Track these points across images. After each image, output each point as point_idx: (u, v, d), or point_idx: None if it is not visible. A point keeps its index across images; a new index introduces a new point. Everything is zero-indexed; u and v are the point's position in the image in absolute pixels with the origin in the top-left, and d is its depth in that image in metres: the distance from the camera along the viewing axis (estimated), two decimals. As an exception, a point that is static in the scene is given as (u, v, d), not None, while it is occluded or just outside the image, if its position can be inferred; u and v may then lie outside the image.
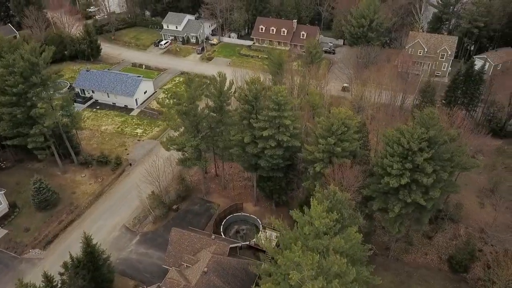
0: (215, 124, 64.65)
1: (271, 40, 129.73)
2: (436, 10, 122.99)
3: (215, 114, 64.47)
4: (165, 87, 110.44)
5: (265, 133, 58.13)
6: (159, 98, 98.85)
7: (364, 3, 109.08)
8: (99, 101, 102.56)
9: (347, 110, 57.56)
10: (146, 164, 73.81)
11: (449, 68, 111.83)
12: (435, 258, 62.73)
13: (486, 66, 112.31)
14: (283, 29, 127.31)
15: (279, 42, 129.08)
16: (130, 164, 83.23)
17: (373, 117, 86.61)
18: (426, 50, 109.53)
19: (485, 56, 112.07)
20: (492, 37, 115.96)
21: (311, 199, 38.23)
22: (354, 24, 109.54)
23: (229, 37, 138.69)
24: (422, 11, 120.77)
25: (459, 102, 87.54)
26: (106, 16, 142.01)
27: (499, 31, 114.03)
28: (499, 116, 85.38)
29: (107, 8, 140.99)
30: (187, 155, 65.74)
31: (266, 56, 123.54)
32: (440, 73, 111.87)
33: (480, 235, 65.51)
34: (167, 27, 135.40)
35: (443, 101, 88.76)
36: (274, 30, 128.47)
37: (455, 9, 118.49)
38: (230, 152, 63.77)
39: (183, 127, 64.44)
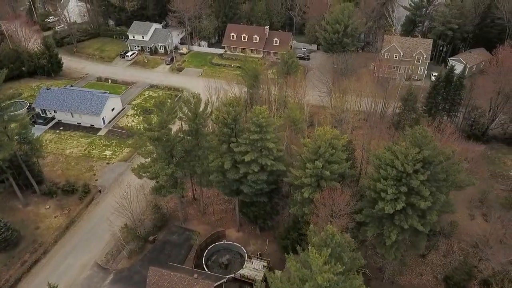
0: (191, 148, 59.41)
1: (243, 48, 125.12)
2: (408, 13, 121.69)
3: (190, 138, 59.21)
4: (134, 102, 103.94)
5: (247, 158, 53.54)
6: (127, 121, 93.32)
7: (337, 8, 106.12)
8: (62, 121, 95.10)
9: (333, 129, 53.74)
10: (116, 191, 67.96)
11: (426, 71, 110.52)
12: (431, 279, 59.79)
13: (462, 69, 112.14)
14: (255, 36, 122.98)
15: (251, 50, 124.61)
16: (100, 191, 76.82)
17: (355, 127, 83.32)
18: (402, 54, 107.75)
19: (460, 58, 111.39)
20: (465, 38, 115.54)
21: (310, 247, 33.84)
22: (328, 30, 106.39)
23: (199, 45, 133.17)
24: (394, 14, 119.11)
25: (440, 108, 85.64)
26: (66, 27, 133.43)
27: (471, 32, 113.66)
28: (481, 122, 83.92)
29: (67, 18, 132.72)
30: (161, 182, 60.16)
31: (239, 65, 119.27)
32: (416, 76, 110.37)
33: (474, 250, 63.14)
34: (133, 37, 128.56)
35: (424, 108, 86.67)
36: (246, 38, 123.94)
37: (427, 11, 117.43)
38: (209, 178, 58.74)
39: (155, 154, 58.77)
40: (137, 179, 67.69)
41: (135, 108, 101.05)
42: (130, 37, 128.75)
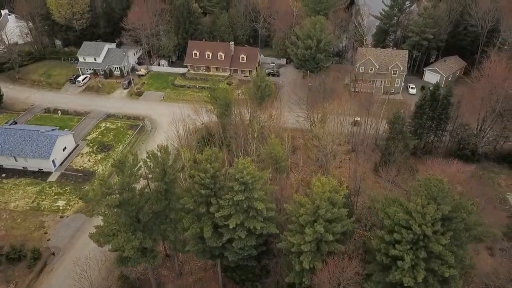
0: (161, 209, 49.45)
1: (207, 67, 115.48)
2: (379, 22, 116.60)
3: (159, 197, 49.21)
4: (89, 137, 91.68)
5: (231, 224, 44.41)
6: (82, 161, 79.49)
7: (308, 22, 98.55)
8: (4, 166, 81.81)
9: (330, 180, 45.66)
10: (72, 269, 56.46)
11: (402, 84, 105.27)
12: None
13: (438, 79, 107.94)
14: (220, 53, 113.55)
15: (217, 68, 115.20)
16: (53, 254, 65.12)
17: (339, 152, 75.81)
18: (377, 67, 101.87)
19: (436, 68, 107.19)
20: (439, 47, 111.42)
21: None
22: (300, 46, 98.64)
23: (159, 65, 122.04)
24: (364, 23, 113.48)
25: (426, 126, 79.98)
26: (6, 50, 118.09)
27: (445, 41, 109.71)
28: (471, 141, 78.76)
29: (6, 40, 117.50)
30: (127, 255, 49.76)
31: (204, 86, 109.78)
32: (393, 89, 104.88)
33: (486, 293, 57.00)
34: (84, 59, 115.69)
35: (410, 128, 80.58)
36: (210, 55, 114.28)
37: (399, 20, 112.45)
38: (185, 249, 49.08)
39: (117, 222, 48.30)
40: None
41: (91, 144, 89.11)
42: (81, 59, 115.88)
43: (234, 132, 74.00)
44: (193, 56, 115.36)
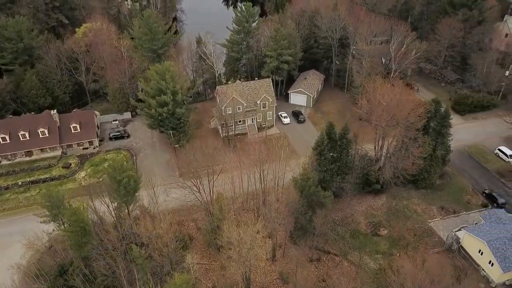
0: None
1: (28, 151, 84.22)
2: (227, 50, 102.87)
3: None
4: None
5: None
6: None
7: (154, 73, 77.02)
8: None
9: None
10: None
11: (275, 115, 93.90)
12: None
13: (305, 99, 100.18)
14: (41, 129, 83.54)
15: (42, 149, 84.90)
16: None
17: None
18: (245, 104, 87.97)
19: (301, 89, 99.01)
20: (297, 65, 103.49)
21: None
22: (152, 104, 76.98)
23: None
24: (212, 53, 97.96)
25: (329, 170, 69.26)
26: None
27: (303, 58, 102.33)
28: (376, 175, 71.46)
29: None
30: None
31: (30, 179, 79.69)
32: (266, 123, 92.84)
33: None
34: None
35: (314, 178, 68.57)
36: (27, 134, 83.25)
37: (249, 45, 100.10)
38: None
39: None
40: None
41: None
42: None
43: (109, 269, 50.28)
44: (1, 142, 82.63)
